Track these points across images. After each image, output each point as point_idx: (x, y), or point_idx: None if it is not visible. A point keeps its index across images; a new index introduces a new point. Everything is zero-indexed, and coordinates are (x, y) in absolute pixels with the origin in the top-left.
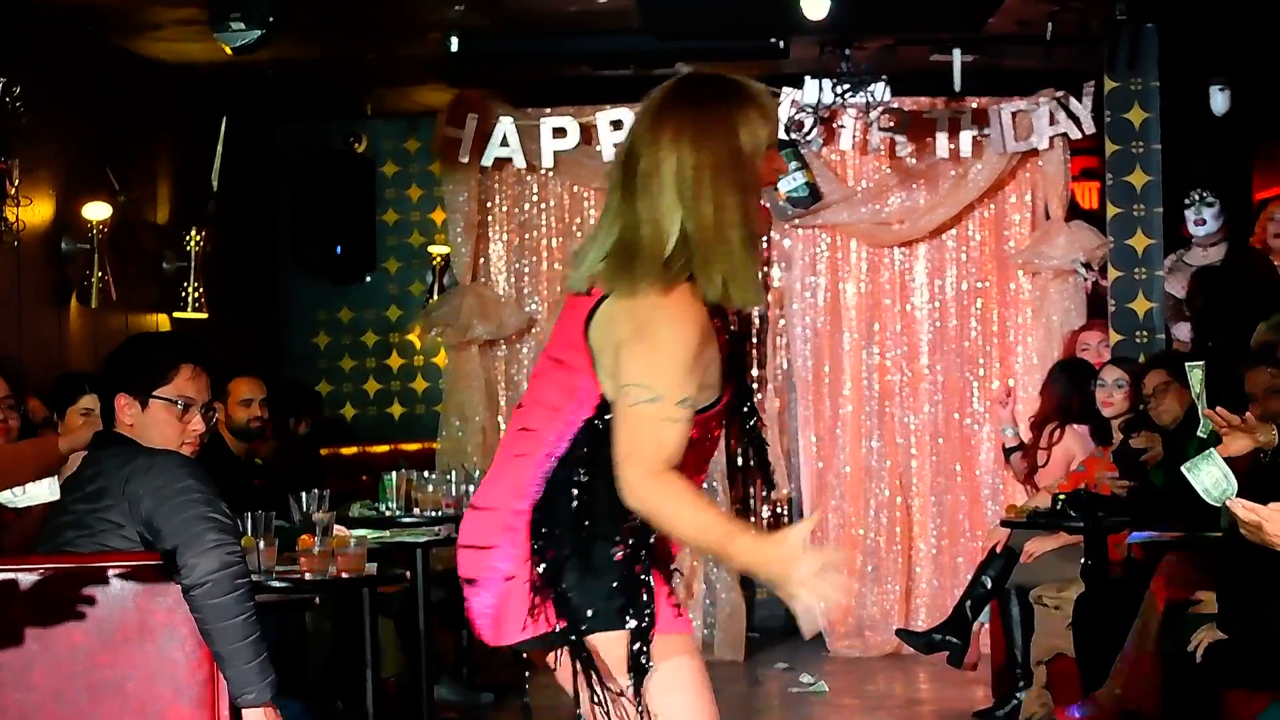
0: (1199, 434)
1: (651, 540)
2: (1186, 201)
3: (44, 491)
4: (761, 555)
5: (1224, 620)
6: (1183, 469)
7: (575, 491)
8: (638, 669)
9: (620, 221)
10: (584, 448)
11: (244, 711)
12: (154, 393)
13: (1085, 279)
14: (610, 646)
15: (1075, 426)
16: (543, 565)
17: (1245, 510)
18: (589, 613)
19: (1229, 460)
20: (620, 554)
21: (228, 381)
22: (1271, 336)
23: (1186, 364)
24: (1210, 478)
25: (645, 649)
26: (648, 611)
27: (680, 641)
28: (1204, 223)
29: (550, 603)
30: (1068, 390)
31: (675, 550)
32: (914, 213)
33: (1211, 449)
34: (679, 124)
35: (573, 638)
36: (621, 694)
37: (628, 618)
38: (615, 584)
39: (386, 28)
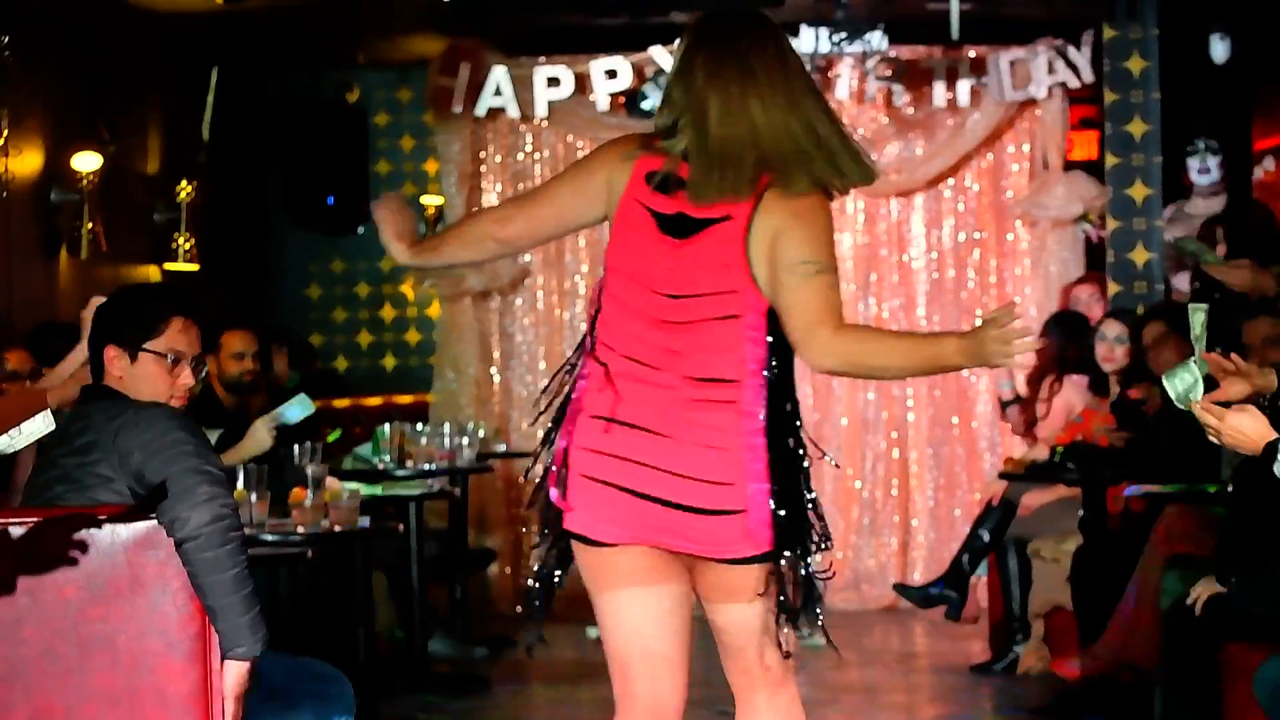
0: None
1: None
2: (1190, 150)
3: (40, 426)
4: (965, 348)
5: (1223, 573)
6: (1162, 377)
7: (790, 417)
8: (810, 586)
9: (759, 134)
10: (779, 369)
11: (227, 665)
12: (144, 345)
13: (1089, 230)
14: (796, 564)
15: (1073, 377)
16: (778, 488)
17: (1203, 412)
18: (796, 532)
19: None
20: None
21: (218, 334)
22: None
23: (1190, 305)
24: (1183, 383)
25: (813, 565)
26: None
27: None
28: (1208, 171)
29: (772, 523)
30: (1063, 341)
31: None
32: (911, 163)
33: (1191, 360)
34: (790, 47)
35: (784, 554)
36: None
37: (814, 536)
38: (809, 505)
39: None
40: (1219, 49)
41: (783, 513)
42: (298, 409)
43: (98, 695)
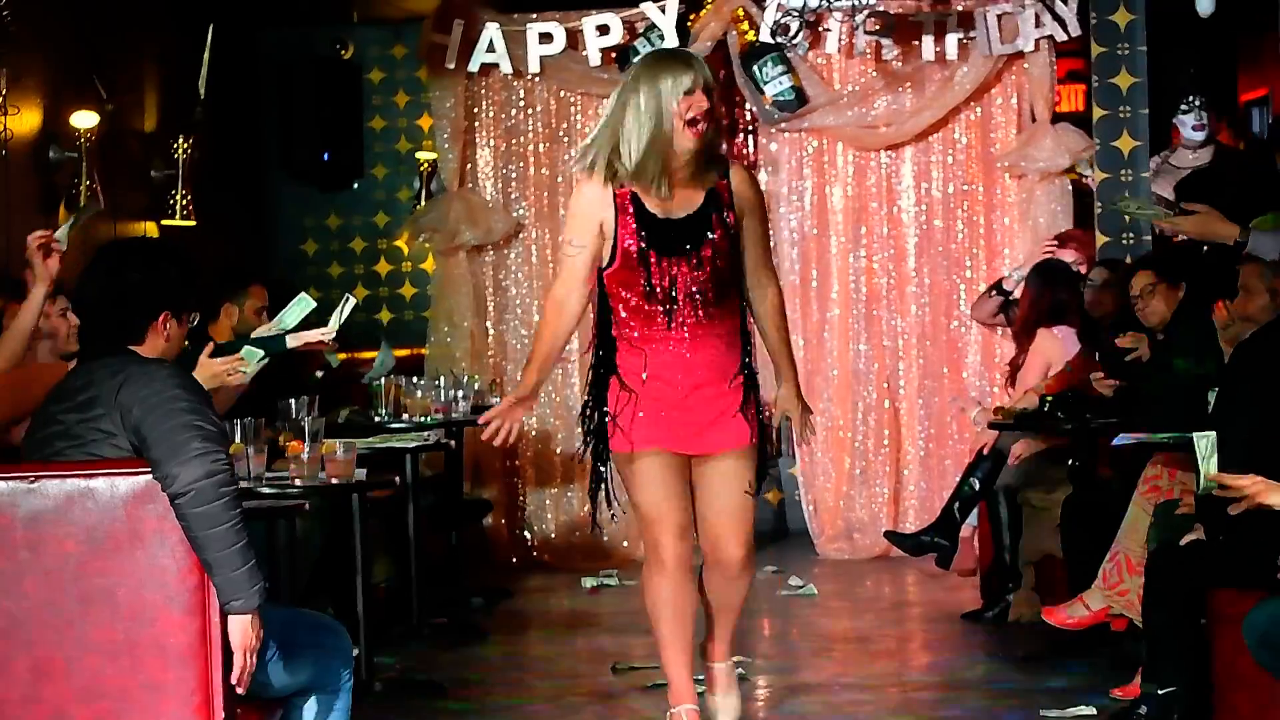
0: (1197, 493)
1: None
2: (1184, 106)
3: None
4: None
5: (1205, 523)
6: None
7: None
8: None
9: None
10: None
11: (228, 619)
12: (190, 311)
13: (1086, 177)
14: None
15: (1051, 330)
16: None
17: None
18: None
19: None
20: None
21: (217, 290)
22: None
23: (1195, 434)
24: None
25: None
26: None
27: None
28: (1203, 127)
29: None
30: (1039, 290)
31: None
32: (900, 116)
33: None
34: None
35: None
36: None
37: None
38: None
39: None
40: (1204, 1)
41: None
42: (295, 311)
43: (98, 648)
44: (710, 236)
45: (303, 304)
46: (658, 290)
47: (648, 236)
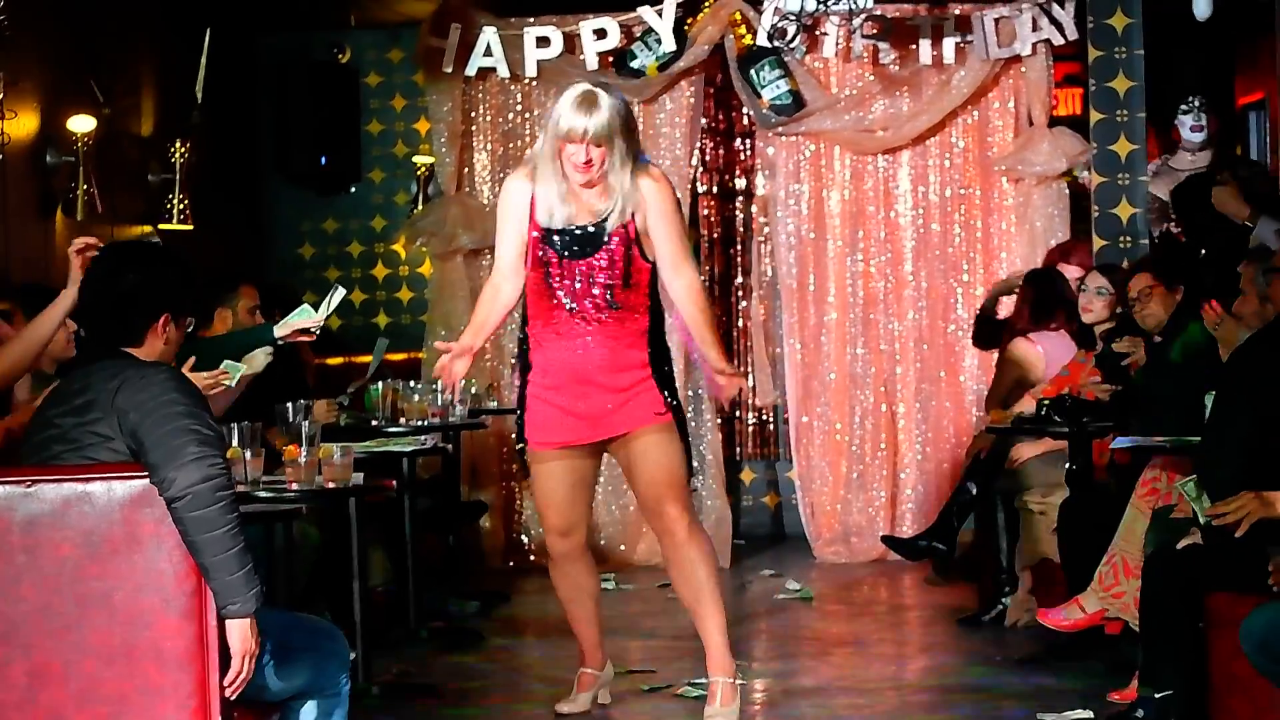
0: (1200, 528)
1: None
2: (1184, 108)
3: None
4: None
5: (1203, 528)
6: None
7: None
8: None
9: None
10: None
11: (227, 624)
12: (188, 314)
13: (1083, 177)
14: None
15: (1027, 339)
16: None
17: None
18: None
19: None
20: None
21: (214, 293)
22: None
23: (1178, 481)
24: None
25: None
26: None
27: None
28: (1202, 129)
29: None
30: (1024, 299)
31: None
32: (897, 120)
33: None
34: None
35: None
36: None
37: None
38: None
39: None
40: (1201, 5)
41: None
42: (297, 319)
43: (95, 652)
44: (608, 243)
45: (304, 313)
46: (558, 291)
47: (551, 240)
